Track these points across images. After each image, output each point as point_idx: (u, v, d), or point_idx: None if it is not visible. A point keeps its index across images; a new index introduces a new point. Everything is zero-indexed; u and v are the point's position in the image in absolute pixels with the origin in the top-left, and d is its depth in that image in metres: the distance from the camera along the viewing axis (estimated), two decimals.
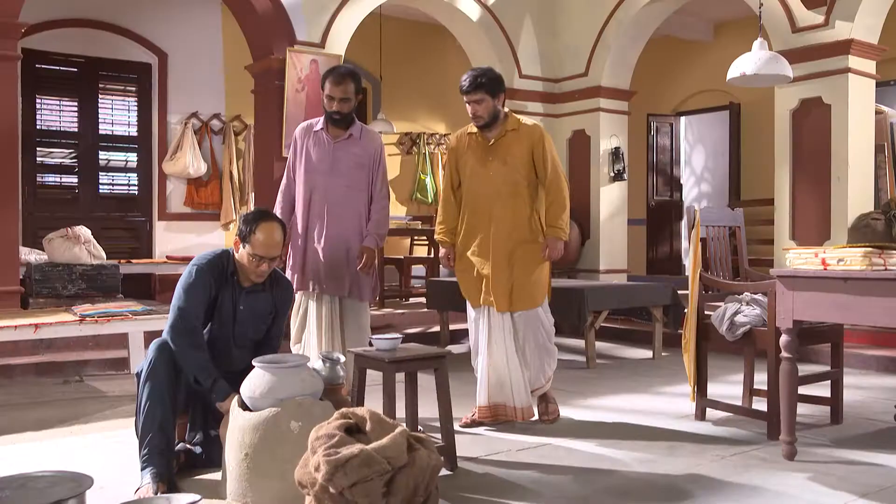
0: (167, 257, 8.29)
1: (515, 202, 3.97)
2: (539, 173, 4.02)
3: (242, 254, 3.22)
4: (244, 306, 3.29)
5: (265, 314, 3.36)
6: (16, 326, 4.27)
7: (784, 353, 3.42)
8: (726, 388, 4.83)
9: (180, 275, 3.29)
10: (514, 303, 3.97)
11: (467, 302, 4.18)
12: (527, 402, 4.02)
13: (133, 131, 8.83)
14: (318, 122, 4.13)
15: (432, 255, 8.73)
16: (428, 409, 3.84)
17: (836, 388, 4.04)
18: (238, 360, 3.31)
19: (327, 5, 6.99)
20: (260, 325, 3.36)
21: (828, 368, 4.14)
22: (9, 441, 3.72)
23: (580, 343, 6.53)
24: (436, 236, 4.24)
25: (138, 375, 3.08)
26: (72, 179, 8.51)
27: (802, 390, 3.69)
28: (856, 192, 6.26)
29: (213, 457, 3.19)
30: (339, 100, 3.96)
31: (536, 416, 4.11)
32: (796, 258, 3.41)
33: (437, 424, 3.40)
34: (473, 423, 4.03)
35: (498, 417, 4.03)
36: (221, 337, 3.29)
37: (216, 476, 3.06)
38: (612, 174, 8.21)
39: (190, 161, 8.65)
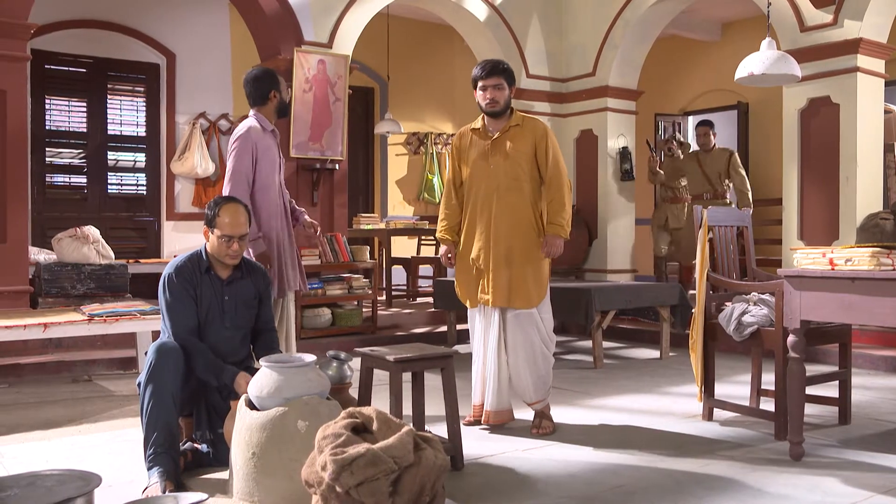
0: (175, 257, 8.31)
1: (516, 198, 3.90)
2: (541, 170, 3.94)
3: (213, 239, 3.29)
4: (229, 296, 3.35)
5: (251, 299, 3.41)
6: (25, 326, 4.29)
7: (792, 354, 3.41)
8: (734, 388, 4.82)
9: None
10: (511, 300, 3.88)
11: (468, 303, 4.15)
12: (498, 405, 3.94)
13: (141, 131, 8.86)
14: (265, 122, 4.06)
15: (440, 255, 8.74)
16: (434, 408, 3.85)
17: (844, 388, 4.03)
18: (235, 350, 3.37)
19: (334, 5, 7.00)
20: (249, 310, 3.41)
21: (835, 369, 4.13)
22: (18, 439, 3.74)
23: (587, 343, 6.52)
24: (437, 234, 4.21)
25: (140, 385, 3.10)
26: (80, 179, 8.55)
27: (810, 391, 3.69)
28: (864, 192, 6.23)
29: (219, 455, 3.21)
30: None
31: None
32: (804, 258, 3.40)
33: (444, 424, 3.40)
34: (473, 423, 4.03)
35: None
36: (212, 330, 3.32)
37: (223, 475, 3.08)
38: (620, 174, 8.19)
39: (198, 161, 8.67)
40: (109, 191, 8.67)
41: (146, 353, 3.18)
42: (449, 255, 4.13)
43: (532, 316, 3.92)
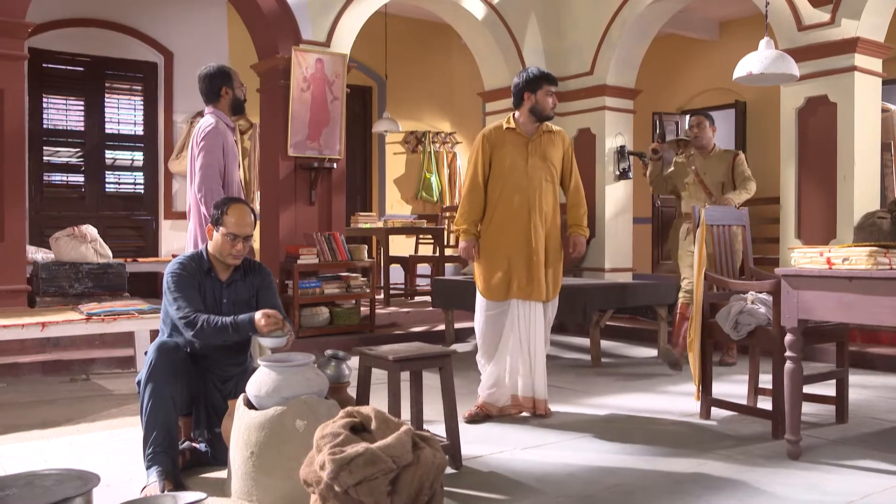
0: (173, 256, 8.29)
1: (552, 198, 4.22)
2: (564, 175, 4.32)
3: (217, 238, 3.29)
4: (227, 299, 3.34)
5: (249, 299, 3.39)
6: (23, 325, 4.29)
7: (789, 353, 3.42)
8: (731, 387, 4.83)
9: None
10: (551, 292, 4.19)
11: (479, 297, 4.21)
12: (546, 395, 4.21)
13: (139, 130, 8.86)
14: (224, 118, 4.16)
15: (438, 254, 8.74)
16: (433, 407, 3.85)
17: (841, 387, 4.03)
18: (233, 353, 3.36)
19: (332, 4, 7.00)
20: (245, 311, 3.36)
21: (833, 367, 4.13)
22: (16, 439, 3.74)
23: (585, 341, 6.52)
24: (459, 226, 4.25)
25: (139, 384, 3.10)
26: (78, 178, 8.55)
27: (807, 389, 3.69)
28: (862, 191, 6.24)
29: (218, 455, 3.21)
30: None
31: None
32: (801, 257, 3.41)
33: (443, 424, 3.40)
34: (478, 416, 4.14)
35: (505, 410, 4.18)
36: None
37: (221, 474, 3.08)
38: (618, 173, 8.19)
39: None
40: (107, 189, 8.67)
41: (145, 353, 3.18)
42: (474, 249, 4.22)
43: (550, 308, 4.26)
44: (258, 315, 3.09)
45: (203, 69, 4.20)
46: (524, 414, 4.19)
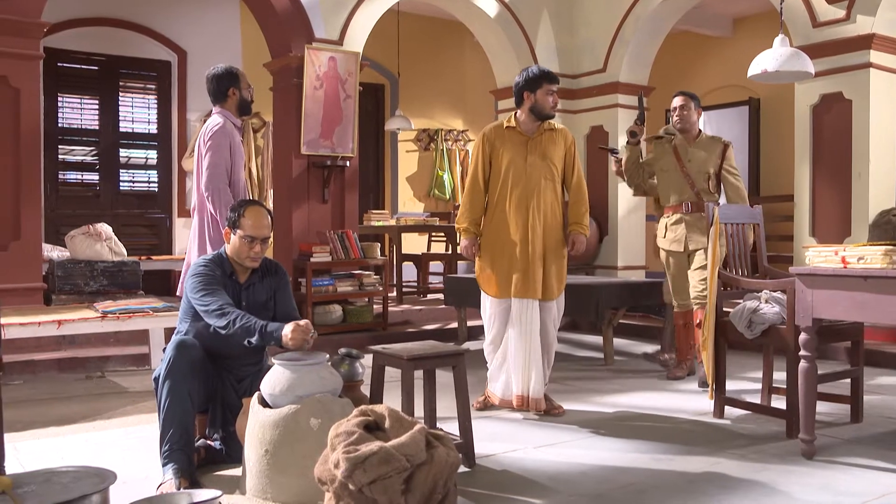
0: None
1: (552, 197, 4.19)
2: (566, 174, 4.29)
3: (234, 241, 3.29)
4: (246, 302, 3.34)
5: (266, 301, 3.40)
6: (39, 323, 4.33)
7: (803, 352, 3.41)
8: (745, 385, 4.82)
9: None
10: (548, 292, 4.14)
11: (483, 294, 4.26)
12: (541, 393, 4.16)
13: (153, 129, 8.91)
14: (231, 118, 4.19)
15: (450, 252, 8.74)
16: (446, 405, 3.86)
17: (856, 386, 4.01)
18: (249, 353, 3.36)
19: (345, 3, 7.01)
20: (264, 313, 3.37)
21: (847, 366, 4.11)
22: (33, 436, 3.78)
23: (598, 340, 6.52)
24: (460, 225, 4.29)
25: (156, 380, 3.12)
26: (93, 177, 8.61)
27: (822, 388, 3.68)
28: (877, 189, 6.20)
29: (232, 452, 3.23)
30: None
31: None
32: (816, 256, 3.39)
33: (456, 422, 3.41)
34: (486, 405, 4.28)
35: (510, 404, 4.24)
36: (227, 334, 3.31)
37: (236, 472, 3.10)
38: None
39: None
40: (121, 188, 8.72)
41: (163, 350, 3.19)
42: (474, 247, 4.25)
43: (558, 304, 4.22)
44: (288, 328, 2.99)
45: (211, 70, 4.24)
46: (531, 412, 4.19)
